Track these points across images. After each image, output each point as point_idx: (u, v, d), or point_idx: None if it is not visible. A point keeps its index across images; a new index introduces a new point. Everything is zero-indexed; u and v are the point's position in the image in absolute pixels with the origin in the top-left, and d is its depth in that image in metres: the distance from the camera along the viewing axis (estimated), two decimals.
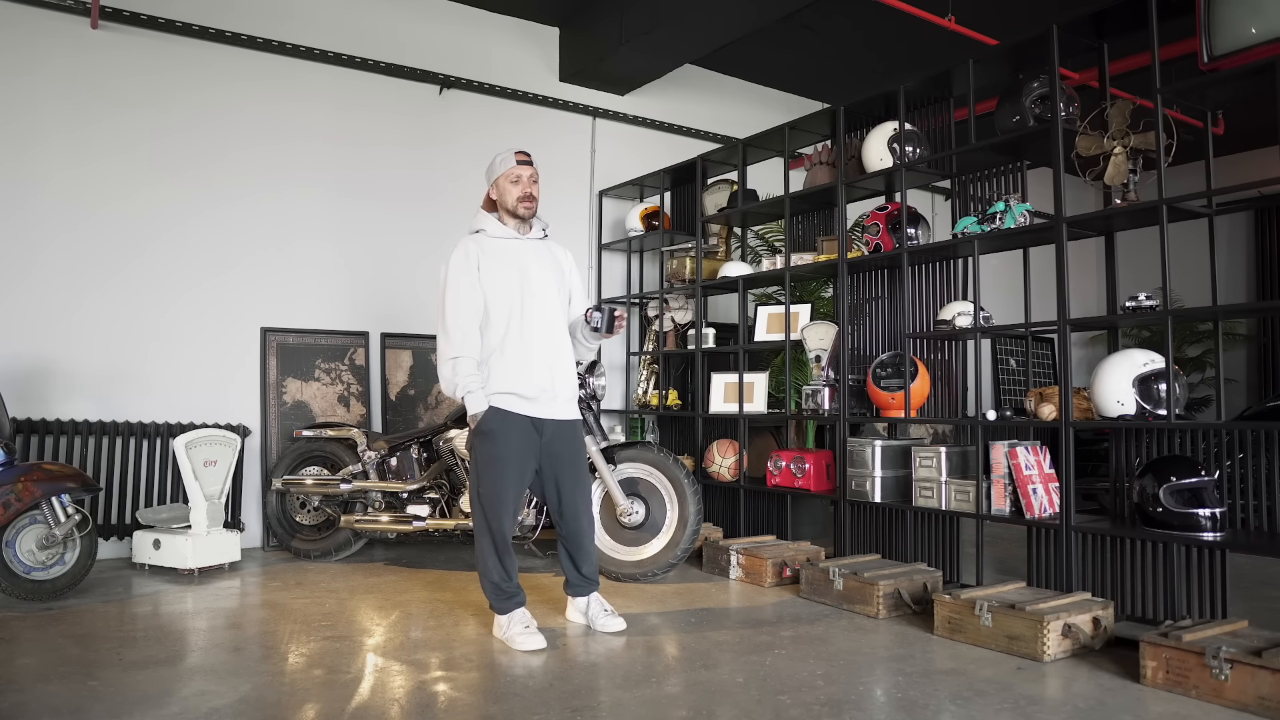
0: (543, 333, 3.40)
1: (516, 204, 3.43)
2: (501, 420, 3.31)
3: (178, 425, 5.06)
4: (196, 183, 5.32)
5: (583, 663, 3.14)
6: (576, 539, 3.53)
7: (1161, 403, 3.43)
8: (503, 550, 3.37)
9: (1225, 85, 3.30)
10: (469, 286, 3.34)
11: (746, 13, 5.47)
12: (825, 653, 3.28)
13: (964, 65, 4.16)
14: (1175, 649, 2.85)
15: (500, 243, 3.44)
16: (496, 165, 3.48)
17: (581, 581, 3.60)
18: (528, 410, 3.34)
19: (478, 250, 3.39)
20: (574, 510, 3.50)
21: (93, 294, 5.00)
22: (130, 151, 5.14)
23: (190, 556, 4.44)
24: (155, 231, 5.19)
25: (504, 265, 3.39)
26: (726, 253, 6.12)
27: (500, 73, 6.41)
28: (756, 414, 5.28)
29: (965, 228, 4.14)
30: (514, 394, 3.32)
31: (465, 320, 3.32)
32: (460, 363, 3.30)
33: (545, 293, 3.44)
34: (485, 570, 3.40)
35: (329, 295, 5.71)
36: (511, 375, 3.32)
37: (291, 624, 3.61)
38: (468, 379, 3.29)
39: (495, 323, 3.34)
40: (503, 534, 3.36)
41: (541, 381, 3.36)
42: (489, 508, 3.35)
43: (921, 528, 4.38)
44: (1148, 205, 3.42)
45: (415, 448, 4.81)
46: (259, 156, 5.52)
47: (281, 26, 5.60)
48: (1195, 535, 3.29)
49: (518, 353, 3.34)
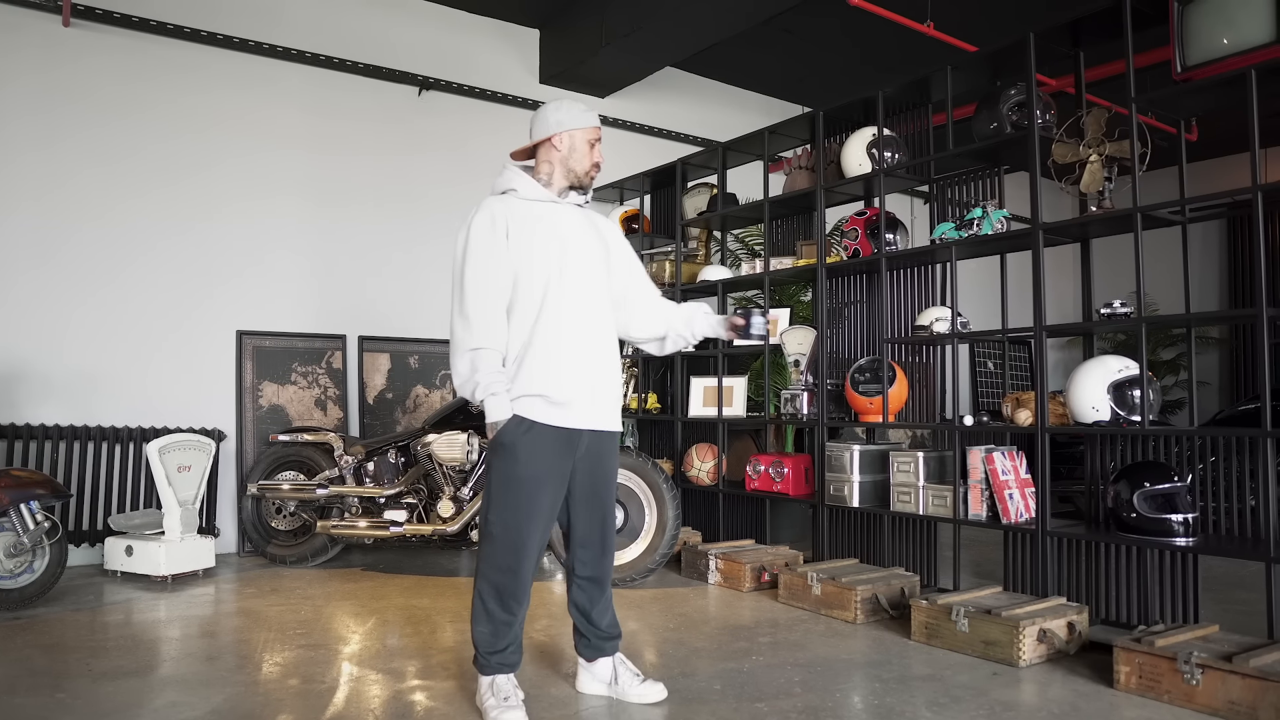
0: (583, 321, 2.70)
1: (589, 169, 2.77)
2: (526, 432, 2.61)
3: (151, 430, 5.00)
4: (171, 184, 5.26)
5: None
6: (599, 581, 2.83)
7: (1136, 409, 3.46)
8: (508, 595, 2.65)
9: (1198, 95, 3.33)
10: (496, 259, 2.63)
11: (727, 16, 5.48)
12: (803, 659, 3.28)
13: (942, 72, 4.18)
14: (1148, 654, 2.87)
15: (534, 206, 2.71)
16: (577, 114, 2.75)
17: (602, 639, 2.84)
18: (559, 419, 2.63)
19: (506, 214, 2.66)
20: (602, 545, 2.82)
21: (64, 296, 4.94)
22: (104, 154, 5.08)
23: (163, 563, 4.39)
24: (128, 233, 5.13)
25: (539, 234, 2.67)
26: (706, 256, 6.11)
27: (480, 74, 6.38)
28: (736, 418, 5.28)
29: (943, 233, 4.16)
30: (543, 397, 2.61)
31: (491, 302, 2.61)
32: (482, 356, 2.58)
33: (588, 271, 2.74)
34: (479, 613, 2.68)
35: (306, 297, 5.66)
36: (541, 374, 2.62)
37: (266, 632, 3.58)
38: (490, 378, 2.57)
39: (524, 306, 2.64)
40: (516, 576, 2.64)
41: (579, 382, 2.66)
42: (502, 540, 2.63)
43: (899, 532, 4.40)
44: (1123, 213, 3.45)
45: (393, 452, 4.78)
46: (235, 158, 5.47)
47: (259, 26, 5.55)
48: (1168, 540, 3.32)
49: (551, 345, 2.64)
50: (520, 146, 2.83)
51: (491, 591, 2.66)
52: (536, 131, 2.78)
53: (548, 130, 2.74)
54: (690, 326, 2.93)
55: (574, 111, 2.76)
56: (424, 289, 6.08)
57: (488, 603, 2.66)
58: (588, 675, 2.88)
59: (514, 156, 2.84)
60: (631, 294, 2.94)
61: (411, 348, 5.99)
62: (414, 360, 5.98)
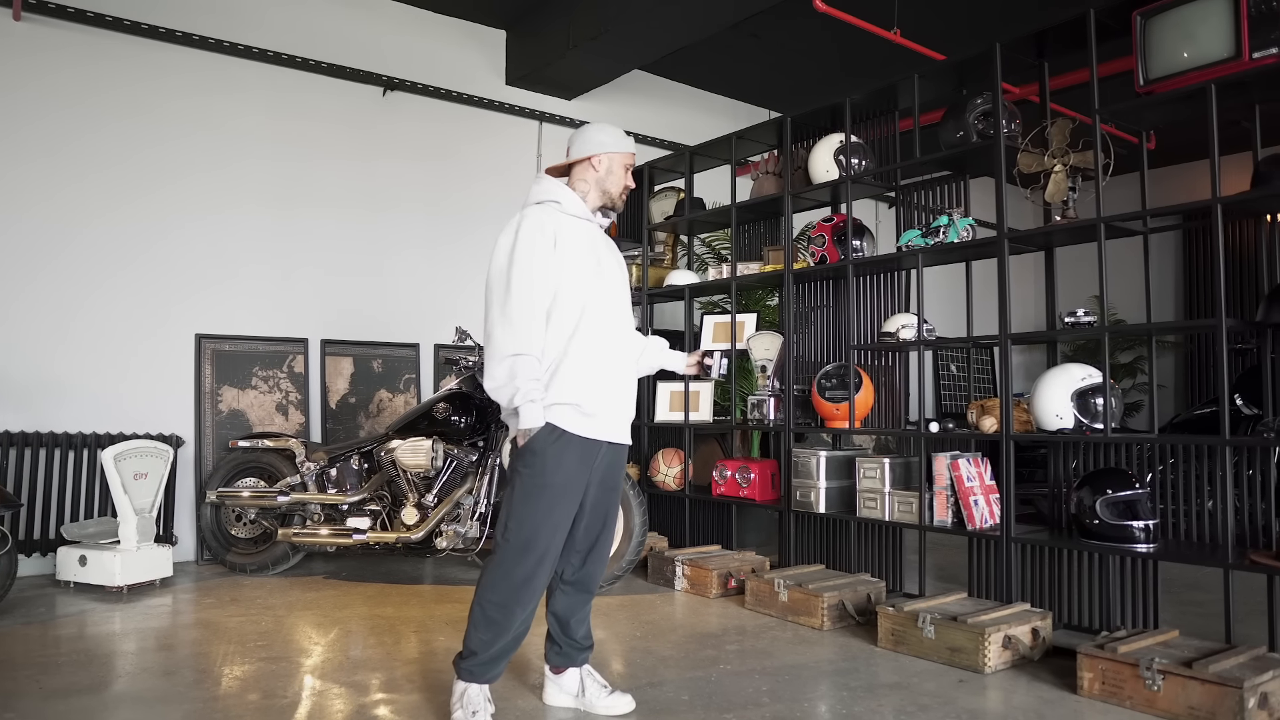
0: (614, 336, 2.77)
1: (621, 192, 2.85)
2: (556, 440, 2.62)
3: (106, 436, 4.89)
4: (126, 183, 5.14)
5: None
6: (586, 586, 2.85)
7: (1099, 416, 3.50)
8: (516, 603, 2.63)
9: (1160, 108, 3.38)
10: (544, 267, 2.62)
11: (695, 20, 5.47)
12: (770, 667, 3.28)
13: (909, 80, 4.20)
14: (1111, 660, 2.91)
15: (575, 221, 2.76)
16: (619, 138, 2.84)
17: (574, 649, 2.84)
18: (587, 429, 2.66)
19: (554, 224, 2.68)
20: (600, 554, 2.86)
21: (13, 297, 4.80)
22: (56, 150, 4.95)
23: (119, 573, 4.28)
24: (82, 233, 5.00)
25: (582, 248, 2.72)
26: (673, 260, 6.10)
27: (445, 75, 6.32)
28: (702, 423, 5.27)
29: (910, 240, 4.18)
30: (575, 407, 2.64)
31: (536, 307, 2.61)
32: (523, 362, 2.57)
33: (618, 289, 2.82)
34: (480, 620, 2.63)
35: (267, 300, 5.57)
36: (575, 384, 2.64)
37: (226, 644, 3.50)
38: (529, 384, 2.56)
39: (564, 317, 2.65)
40: (529, 585, 2.63)
41: (608, 394, 2.72)
42: (523, 548, 2.61)
43: (865, 538, 4.42)
44: (1087, 223, 3.49)
45: (356, 458, 4.71)
46: (193, 157, 5.36)
47: (219, 23, 5.45)
48: (1130, 547, 3.36)
49: (586, 357, 2.67)
50: (557, 163, 2.88)
51: (499, 599, 2.62)
52: (576, 150, 2.83)
53: (589, 150, 2.81)
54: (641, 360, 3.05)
55: (616, 135, 2.84)
56: (388, 291, 6.01)
57: (489, 610, 2.62)
58: (554, 687, 2.86)
59: (549, 172, 2.88)
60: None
61: (375, 351, 5.92)
62: (377, 364, 5.90)
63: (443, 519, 4.42)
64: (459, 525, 4.45)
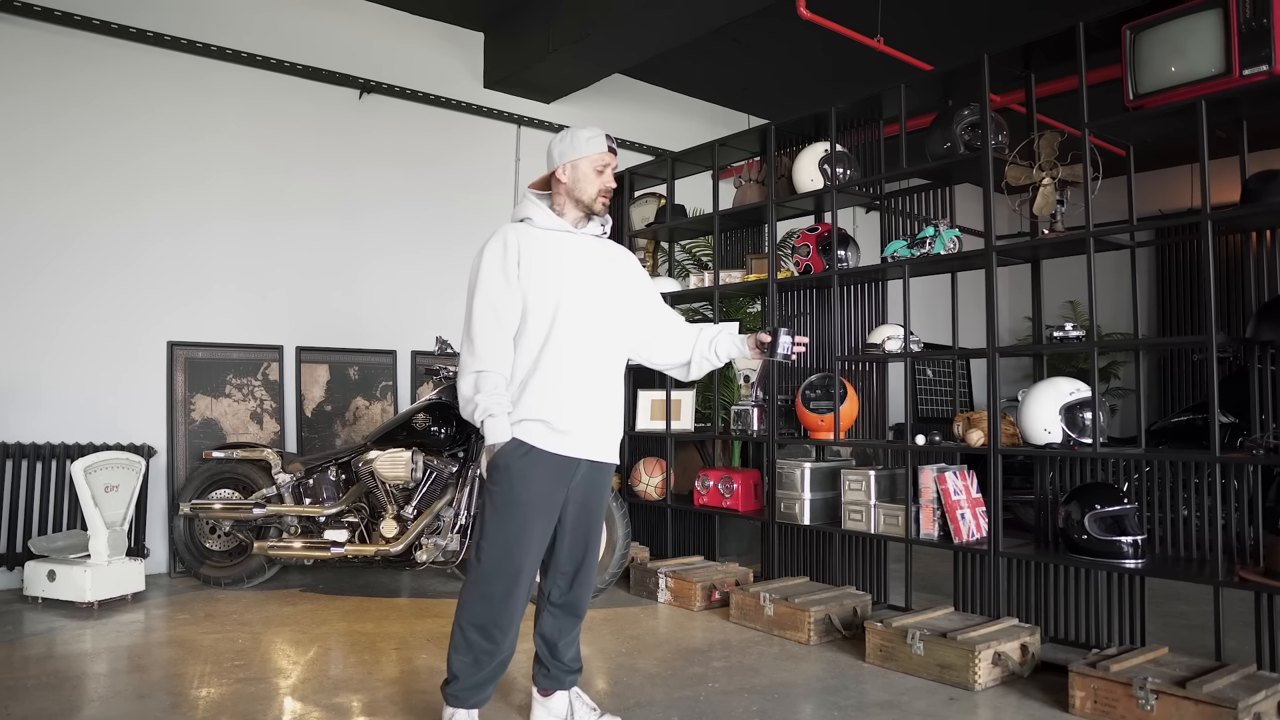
0: (590, 351, 2.68)
1: (596, 197, 2.74)
2: (524, 456, 2.58)
3: (76, 446, 4.76)
4: (97, 187, 5.01)
5: None
6: (574, 611, 2.79)
7: (1086, 430, 3.49)
8: (494, 624, 2.58)
9: (1149, 123, 3.38)
10: (506, 286, 2.63)
11: (679, 25, 5.43)
12: (759, 685, 3.24)
13: (894, 90, 4.17)
14: (1103, 679, 2.90)
15: (549, 235, 2.71)
16: (580, 143, 2.72)
17: (563, 671, 2.78)
18: (559, 446, 2.60)
19: (519, 242, 2.66)
20: (586, 577, 2.79)
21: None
22: (24, 154, 4.82)
23: (89, 589, 4.17)
24: (50, 236, 4.87)
25: (550, 263, 2.67)
26: (654, 267, 6.06)
27: (422, 78, 6.22)
28: (683, 432, 5.23)
29: (895, 251, 4.16)
30: (544, 423, 2.59)
31: (497, 327, 2.61)
32: (486, 377, 2.58)
33: (598, 301, 2.72)
34: (460, 643, 2.60)
35: (241, 307, 5.45)
36: (543, 399, 2.60)
37: (201, 664, 3.41)
38: (490, 399, 2.55)
39: (532, 333, 2.63)
40: (506, 604, 2.59)
41: (581, 411, 2.64)
42: (496, 566, 2.58)
43: (850, 550, 4.40)
44: (1076, 237, 3.48)
45: (333, 469, 4.62)
46: (165, 160, 5.23)
47: (191, 23, 5.32)
48: (1118, 562, 3.36)
49: (555, 372, 2.62)
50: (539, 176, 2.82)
51: (477, 620, 2.58)
52: (547, 164, 2.79)
53: (552, 164, 2.76)
54: (714, 349, 2.87)
55: (576, 141, 2.73)
56: (364, 297, 5.91)
57: (469, 633, 2.58)
58: (542, 710, 2.78)
59: (532, 187, 2.83)
60: (651, 322, 2.90)
61: (351, 358, 5.82)
62: (354, 371, 5.80)
63: (423, 531, 4.34)
64: (439, 538, 4.38)
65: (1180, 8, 3.18)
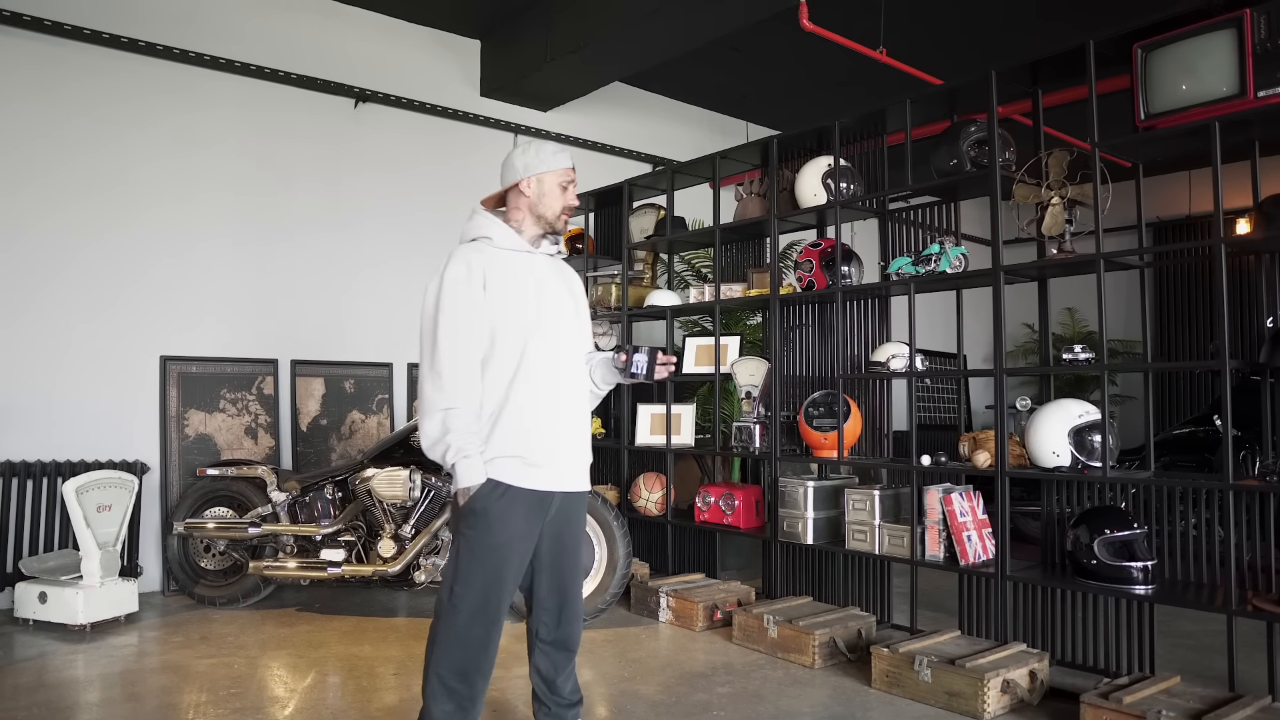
0: (560, 378, 2.56)
1: (560, 213, 2.62)
2: (501, 497, 2.44)
3: (67, 464, 4.68)
4: (89, 201, 4.93)
5: None
6: (566, 647, 2.67)
7: (1095, 454, 3.44)
8: (474, 670, 2.47)
9: (1160, 143, 3.33)
10: (471, 311, 2.45)
11: (678, 35, 5.38)
12: (765, 714, 3.19)
13: (900, 103, 4.11)
14: (1116, 711, 2.85)
15: (511, 256, 2.56)
16: (546, 156, 2.61)
17: (563, 707, 2.66)
18: (534, 481, 2.48)
19: (482, 264, 2.49)
20: (572, 610, 2.66)
21: None
22: (16, 166, 4.74)
23: (81, 611, 4.10)
24: (42, 251, 4.79)
25: (516, 285, 2.52)
26: (653, 279, 5.99)
27: (419, 87, 6.15)
28: (684, 446, 5.17)
29: (900, 268, 4.11)
30: (519, 458, 2.46)
31: (465, 358, 2.44)
32: (454, 415, 2.41)
33: (563, 326, 2.60)
34: (438, 691, 2.46)
35: (235, 321, 5.38)
36: (515, 433, 2.46)
37: (196, 692, 3.34)
38: (462, 439, 2.40)
39: (501, 362, 2.47)
40: (484, 650, 2.48)
41: (557, 442, 2.53)
42: (473, 613, 2.45)
43: (854, 570, 4.34)
44: (1086, 258, 3.43)
45: (330, 487, 4.55)
46: (159, 173, 5.16)
47: (185, 33, 5.25)
48: (1127, 588, 3.32)
49: (528, 402, 2.47)
50: (491, 193, 2.70)
51: (456, 666, 2.46)
52: (505, 178, 2.65)
53: (514, 176, 2.62)
54: (593, 380, 2.73)
55: (542, 154, 2.63)
56: (360, 309, 5.84)
57: (448, 680, 2.45)
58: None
59: (484, 204, 2.70)
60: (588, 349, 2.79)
61: (346, 371, 5.75)
62: (349, 385, 5.73)
63: (421, 551, 4.28)
64: (438, 557, 4.33)
65: (1193, 27, 3.13)
